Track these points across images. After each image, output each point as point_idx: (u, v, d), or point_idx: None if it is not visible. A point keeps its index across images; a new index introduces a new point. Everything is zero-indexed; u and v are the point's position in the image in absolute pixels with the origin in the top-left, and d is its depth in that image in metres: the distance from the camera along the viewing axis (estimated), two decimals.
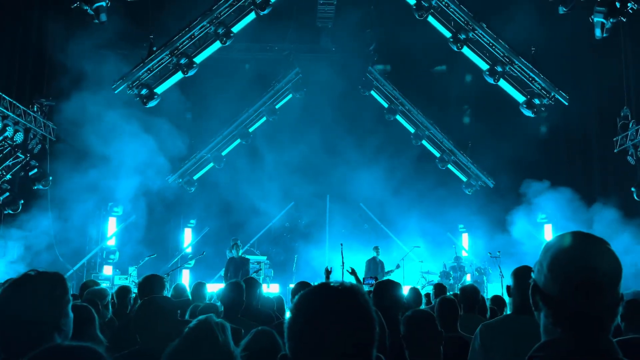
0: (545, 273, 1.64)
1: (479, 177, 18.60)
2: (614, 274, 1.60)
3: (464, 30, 15.21)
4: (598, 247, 1.63)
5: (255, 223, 18.10)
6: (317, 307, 1.49)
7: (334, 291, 1.53)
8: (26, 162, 13.75)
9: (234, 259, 12.99)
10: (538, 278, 1.68)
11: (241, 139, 18.50)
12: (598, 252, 1.62)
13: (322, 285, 1.58)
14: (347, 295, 1.52)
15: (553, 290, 1.62)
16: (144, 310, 3.73)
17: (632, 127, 14.41)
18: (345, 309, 1.48)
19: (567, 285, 1.59)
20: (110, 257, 16.39)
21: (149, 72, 15.33)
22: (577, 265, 1.59)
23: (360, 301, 1.52)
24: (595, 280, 1.57)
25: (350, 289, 1.53)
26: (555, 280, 1.62)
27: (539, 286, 1.67)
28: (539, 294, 1.66)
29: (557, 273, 1.62)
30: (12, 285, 2.36)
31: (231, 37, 15.16)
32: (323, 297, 1.52)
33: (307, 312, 1.50)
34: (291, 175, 17.94)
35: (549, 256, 1.65)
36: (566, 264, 1.61)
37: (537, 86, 15.55)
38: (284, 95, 18.95)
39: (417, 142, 18.72)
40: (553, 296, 1.62)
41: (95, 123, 14.42)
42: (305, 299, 1.54)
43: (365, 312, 1.51)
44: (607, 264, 1.60)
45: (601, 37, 12.52)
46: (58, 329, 2.29)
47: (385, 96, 18.94)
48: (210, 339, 2.13)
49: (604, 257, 1.61)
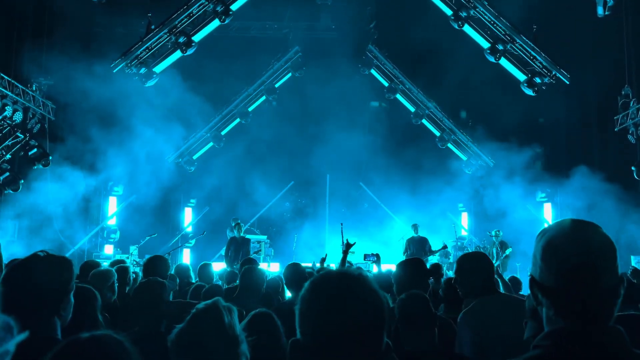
0: (540, 264, 1.64)
1: (479, 156, 18.57)
2: (607, 254, 1.59)
3: (465, 8, 15.07)
4: (586, 230, 1.63)
5: (255, 202, 18.12)
6: (330, 295, 1.53)
7: (346, 278, 1.57)
8: (26, 142, 13.72)
9: (235, 238, 13.04)
10: (534, 271, 1.68)
11: (240, 118, 18.43)
12: (587, 235, 1.61)
13: (333, 272, 1.62)
14: (357, 282, 1.56)
15: (549, 281, 1.61)
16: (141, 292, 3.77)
17: (632, 105, 14.36)
18: (356, 296, 1.52)
19: (561, 272, 1.58)
20: (111, 237, 16.46)
21: (148, 51, 15.22)
22: (568, 251, 1.59)
23: (369, 287, 1.56)
24: (589, 262, 1.56)
25: (359, 275, 1.58)
26: (550, 270, 1.61)
27: (536, 279, 1.66)
28: (537, 286, 1.65)
29: (550, 262, 1.61)
30: (19, 265, 2.35)
31: (230, 15, 15.03)
32: (336, 284, 1.56)
33: (319, 301, 1.54)
34: (291, 155, 17.91)
35: (540, 248, 1.65)
36: (557, 252, 1.60)
37: (538, 65, 15.45)
38: (283, 74, 18.83)
39: (417, 121, 18.65)
40: (550, 287, 1.61)
41: (94, 102, 14.36)
42: (317, 287, 1.57)
43: (376, 297, 1.55)
44: (597, 245, 1.59)
45: (603, 15, 12.41)
46: (58, 313, 2.30)
47: (385, 75, 18.82)
48: (217, 322, 2.15)
49: (593, 239, 1.60)
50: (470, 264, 3.87)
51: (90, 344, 1.58)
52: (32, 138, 13.95)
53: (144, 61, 15.18)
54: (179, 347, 2.16)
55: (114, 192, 16.98)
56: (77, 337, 1.59)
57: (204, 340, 2.12)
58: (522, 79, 15.60)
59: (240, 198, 17.33)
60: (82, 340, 1.59)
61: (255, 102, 18.74)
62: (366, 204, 19.16)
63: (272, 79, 18.65)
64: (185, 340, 2.17)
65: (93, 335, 1.60)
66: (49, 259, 2.35)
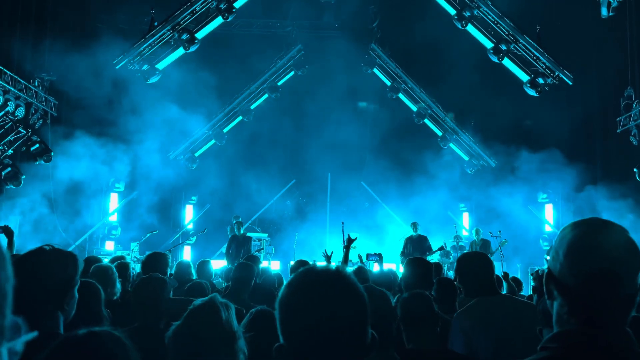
0: (562, 261, 1.58)
1: (480, 156, 18.55)
2: (632, 262, 1.54)
3: (468, 7, 15.05)
4: (616, 235, 1.57)
5: (256, 200, 18.12)
6: (307, 296, 1.49)
7: (320, 276, 1.53)
8: (28, 138, 13.71)
9: (236, 236, 13.06)
10: (553, 266, 1.62)
11: (243, 116, 18.42)
12: (616, 240, 1.56)
13: (308, 270, 1.57)
14: (333, 279, 1.52)
15: (569, 280, 1.56)
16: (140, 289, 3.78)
17: (635, 107, 14.33)
18: (333, 292, 1.48)
19: (585, 275, 1.53)
20: (112, 233, 16.48)
21: (150, 48, 15.22)
22: (594, 254, 1.53)
23: (348, 282, 1.52)
24: (613, 270, 1.51)
25: (336, 271, 1.54)
26: (572, 269, 1.56)
27: (554, 274, 1.61)
28: (554, 282, 1.61)
29: (573, 262, 1.56)
30: (25, 258, 2.33)
31: (233, 12, 15.01)
32: (310, 284, 1.52)
33: (295, 302, 1.50)
34: (292, 153, 17.91)
35: (565, 244, 1.59)
36: (583, 253, 1.55)
37: (542, 65, 15.43)
38: (286, 72, 18.82)
39: (419, 120, 18.62)
40: (569, 285, 1.56)
41: (96, 99, 14.37)
42: (292, 288, 1.53)
43: (355, 292, 1.51)
44: (625, 253, 1.54)
45: (607, 16, 12.37)
46: (62, 308, 2.28)
47: (387, 74, 18.80)
48: (214, 318, 2.14)
49: (622, 246, 1.55)
50: (470, 264, 3.89)
51: (88, 340, 1.56)
52: (34, 134, 13.94)
53: (147, 58, 15.17)
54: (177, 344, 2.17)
55: (116, 188, 17.00)
56: (75, 333, 1.57)
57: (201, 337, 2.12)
58: (525, 80, 15.58)
59: (241, 196, 17.33)
60: (79, 336, 1.57)
61: (257, 100, 18.74)
62: (367, 203, 19.15)
63: (275, 77, 18.64)
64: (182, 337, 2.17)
65: (91, 331, 1.58)
66: (54, 253, 2.34)
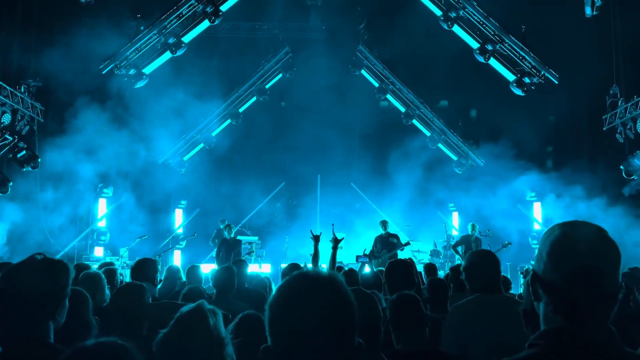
0: (545, 261, 1.65)
1: (469, 156, 18.64)
2: (614, 260, 1.62)
3: (454, 8, 15.12)
4: (597, 234, 1.64)
5: (246, 203, 18.10)
6: (295, 301, 1.49)
7: (311, 282, 1.53)
8: (14, 144, 13.60)
9: (226, 240, 13.03)
10: (537, 267, 1.68)
11: (231, 120, 18.40)
12: (597, 239, 1.63)
13: (298, 275, 1.57)
14: (323, 284, 1.52)
15: (553, 278, 1.62)
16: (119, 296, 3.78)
17: (621, 105, 14.47)
18: (322, 297, 1.49)
19: (567, 272, 1.60)
20: (101, 239, 16.37)
21: (137, 52, 15.16)
22: (577, 252, 1.60)
23: (337, 287, 1.52)
24: (596, 266, 1.58)
25: (326, 276, 1.54)
26: (556, 268, 1.62)
27: (538, 275, 1.67)
28: (539, 282, 1.66)
29: (557, 260, 1.62)
30: (16, 267, 2.30)
31: (220, 15, 14.98)
32: (299, 289, 1.52)
33: (285, 306, 1.50)
34: (282, 156, 17.91)
35: (548, 244, 1.66)
36: (566, 251, 1.62)
37: (528, 65, 15.53)
38: (273, 75, 18.82)
39: (408, 121, 18.69)
40: (553, 284, 1.62)
41: (83, 104, 14.29)
42: (282, 293, 1.54)
43: (343, 298, 1.51)
44: (606, 250, 1.62)
45: (591, 15, 12.48)
46: (53, 318, 2.27)
47: (375, 75, 18.85)
48: (202, 325, 2.14)
49: (603, 244, 1.62)
50: (478, 261, 3.89)
51: (96, 351, 1.57)
52: (21, 140, 13.83)
53: (134, 62, 15.11)
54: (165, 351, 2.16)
55: (104, 193, 16.88)
56: (83, 345, 1.58)
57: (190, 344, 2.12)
58: (512, 79, 15.67)
59: (231, 199, 17.29)
60: (88, 347, 1.57)
61: (246, 103, 18.72)
62: (357, 204, 19.17)
63: (263, 79, 18.63)
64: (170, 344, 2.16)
65: (99, 342, 1.59)
66: (46, 263, 2.32)
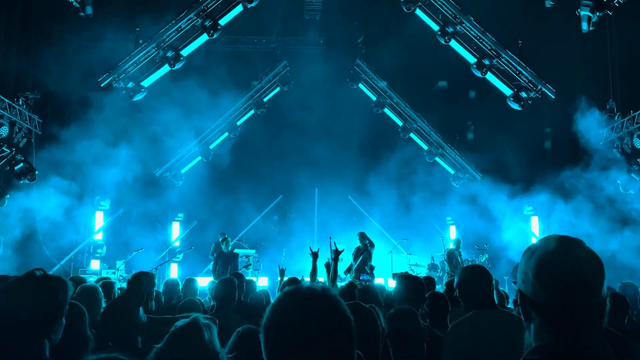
0: (532, 281, 1.63)
1: (466, 170, 18.68)
2: (599, 271, 1.61)
3: (451, 23, 15.22)
4: (578, 247, 1.64)
5: (243, 216, 18.07)
6: (290, 318, 1.47)
7: (305, 298, 1.50)
8: (12, 156, 13.59)
9: (223, 253, 12.99)
10: (525, 288, 1.66)
11: (229, 132, 18.43)
12: (579, 252, 1.62)
13: (293, 291, 1.54)
14: (318, 300, 1.50)
15: (542, 297, 1.61)
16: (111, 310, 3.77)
17: (617, 120, 14.53)
18: (317, 314, 1.46)
19: (556, 289, 1.58)
20: (97, 252, 16.29)
21: (136, 65, 15.21)
22: (563, 268, 1.59)
23: (333, 304, 1.50)
24: (584, 280, 1.58)
25: (321, 292, 1.51)
26: (544, 287, 1.61)
27: (527, 296, 1.65)
28: (529, 304, 1.64)
29: (544, 279, 1.61)
30: (15, 283, 2.28)
31: (218, 29, 15.06)
32: (294, 306, 1.50)
33: (280, 323, 1.48)
34: (279, 169, 17.91)
35: (532, 264, 1.64)
36: (552, 268, 1.60)
37: (524, 79, 15.62)
38: (271, 88, 18.88)
39: (405, 135, 18.75)
40: (544, 304, 1.61)
41: (81, 117, 14.30)
42: (276, 310, 1.51)
43: (339, 314, 1.49)
44: (590, 262, 1.61)
45: (588, 31, 12.58)
46: (48, 336, 2.24)
47: (373, 89, 18.93)
48: (196, 339, 2.13)
49: (586, 257, 1.62)
50: (469, 278, 3.82)
51: None
52: (18, 152, 13.82)
53: (132, 75, 15.15)
54: None
55: (101, 206, 16.85)
56: None
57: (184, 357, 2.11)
58: (508, 94, 15.75)
59: (228, 212, 17.27)
60: None
61: (243, 116, 18.76)
62: (355, 217, 19.15)
63: (261, 92, 18.70)
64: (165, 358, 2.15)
65: (100, 358, 1.59)
66: (44, 280, 2.29)
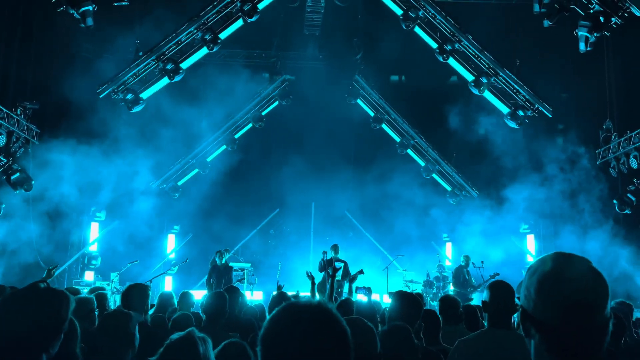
0: (534, 299, 1.60)
1: (463, 187, 18.70)
2: (603, 292, 1.58)
3: (450, 41, 15.31)
4: (582, 267, 1.60)
5: (239, 230, 18.04)
6: (287, 332, 1.47)
7: (301, 312, 1.50)
8: (8, 166, 13.57)
9: (217, 266, 12.95)
10: (527, 305, 1.64)
11: (227, 146, 18.45)
12: (584, 272, 1.59)
13: (290, 306, 1.54)
14: (315, 315, 1.49)
15: (544, 316, 1.58)
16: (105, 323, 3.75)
17: (614, 139, 14.60)
18: (314, 329, 1.46)
19: (559, 308, 1.55)
20: (92, 263, 16.22)
21: (135, 77, 15.24)
22: (566, 288, 1.56)
23: (330, 318, 1.50)
24: (587, 301, 1.55)
25: (317, 306, 1.51)
26: (546, 306, 1.58)
27: (528, 313, 1.62)
28: (529, 320, 1.62)
29: (546, 298, 1.58)
30: (17, 295, 2.25)
31: (218, 43, 15.10)
32: (291, 320, 1.49)
33: (277, 338, 1.48)
34: (276, 183, 17.92)
35: (535, 281, 1.62)
36: (555, 288, 1.57)
37: (522, 98, 15.69)
38: (270, 102, 18.94)
39: (403, 151, 18.80)
40: (546, 322, 1.58)
41: (79, 127, 14.30)
42: (273, 324, 1.51)
43: (336, 329, 1.49)
44: (594, 283, 1.58)
45: (585, 51, 12.67)
46: (47, 350, 2.20)
47: (371, 105, 19.00)
48: (191, 352, 2.12)
49: (590, 277, 1.58)
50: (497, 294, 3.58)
51: None
52: (15, 162, 13.81)
53: (131, 87, 15.19)
54: None
55: (96, 217, 16.81)
56: None
57: None
58: (506, 112, 15.81)
59: (224, 225, 17.22)
60: None
61: (241, 130, 18.79)
62: (351, 232, 19.13)
63: (259, 106, 18.74)
64: None
65: None
66: (48, 293, 2.26)
